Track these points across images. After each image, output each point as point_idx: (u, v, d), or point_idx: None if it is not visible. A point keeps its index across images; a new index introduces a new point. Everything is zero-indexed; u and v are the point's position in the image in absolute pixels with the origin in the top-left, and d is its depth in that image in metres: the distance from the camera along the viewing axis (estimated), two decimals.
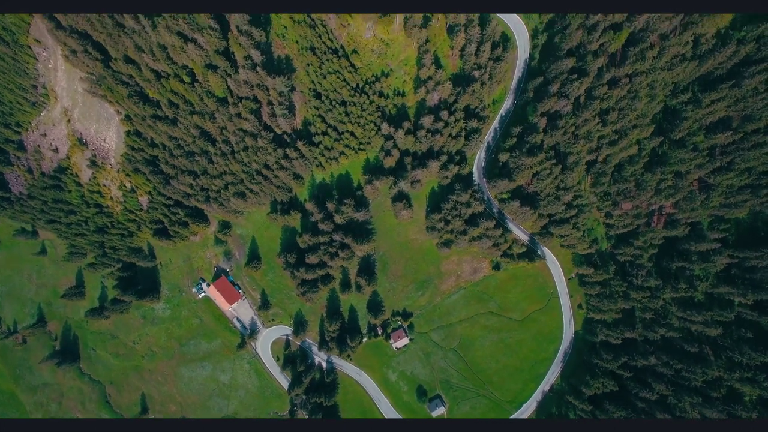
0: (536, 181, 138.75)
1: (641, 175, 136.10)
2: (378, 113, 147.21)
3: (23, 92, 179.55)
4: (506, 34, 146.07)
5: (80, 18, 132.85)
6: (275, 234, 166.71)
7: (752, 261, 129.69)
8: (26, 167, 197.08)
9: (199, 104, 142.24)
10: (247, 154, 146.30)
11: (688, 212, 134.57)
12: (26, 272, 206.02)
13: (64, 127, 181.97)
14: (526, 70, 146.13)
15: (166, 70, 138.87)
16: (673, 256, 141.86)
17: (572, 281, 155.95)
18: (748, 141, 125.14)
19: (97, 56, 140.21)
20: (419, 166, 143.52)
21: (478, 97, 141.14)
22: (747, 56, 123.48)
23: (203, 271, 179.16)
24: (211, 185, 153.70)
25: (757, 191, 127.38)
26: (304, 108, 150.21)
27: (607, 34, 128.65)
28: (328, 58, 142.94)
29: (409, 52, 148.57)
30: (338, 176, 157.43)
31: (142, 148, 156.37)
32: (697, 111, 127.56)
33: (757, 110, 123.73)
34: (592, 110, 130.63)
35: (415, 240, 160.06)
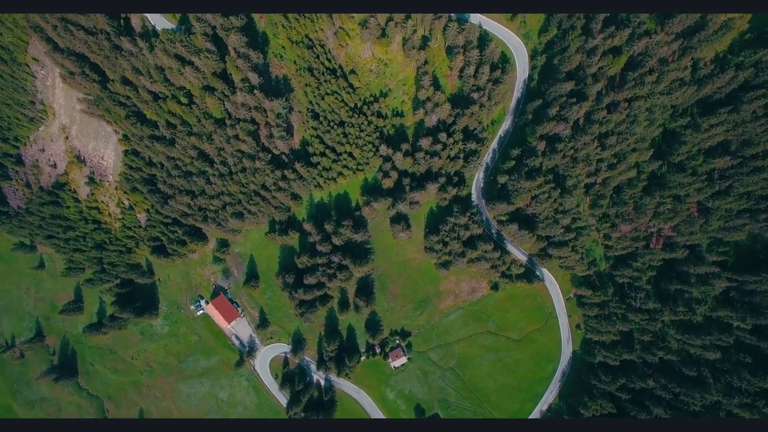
0: (535, 203, 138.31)
1: (640, 198, 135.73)
2: (376, 134, 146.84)
3: (21, 108, 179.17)
4: (505, 55, 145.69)
5: (77, 40, 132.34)
6: (273, 253, 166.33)
7: (751, 285, 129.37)
8: (24, 181, 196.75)
9: (196, 125, 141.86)
10: (245, 175, 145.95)
11: (687, 235, 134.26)
12: (24, 286, 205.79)
13: (62, 143, 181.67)
14: (525, 91, 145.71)
15: (164, 91, 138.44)
16: (671, 277, 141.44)
17: (570, 301, 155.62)
18: (746, 166, 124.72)
19: (95, 77, 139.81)
20: (417, 188, 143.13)
21: (476, 119, 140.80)
22: (745, 81, 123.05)
23: (201, 288, 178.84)
24: (209, 205, 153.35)
25: (755, 215, 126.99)
26: (302, 128, 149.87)
27: (606, 58, 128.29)
28: (326, 79, 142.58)
29: (407, 71, 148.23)
30: (336, 196, 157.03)
31: (140, 167, 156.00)
32: (696, 135, 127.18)
33: (756, 135, 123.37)
34: (591, 134, 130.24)
35: (413, 259, 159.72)
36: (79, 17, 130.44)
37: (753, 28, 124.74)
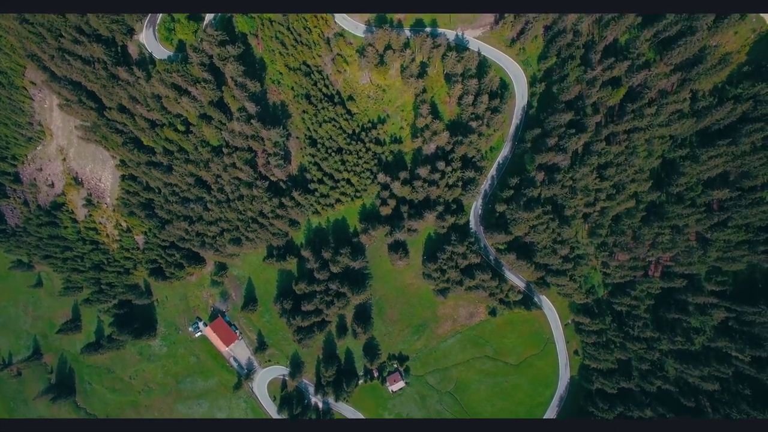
0: (533, 232, 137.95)
1: (638, 228, 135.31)
2: (374, 161, 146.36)
3: (18, 128, 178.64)
4: (504, 81, 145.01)
5: (74, 69, 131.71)
6: (272, 276, 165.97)
7: (750, 316, 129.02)
8: (22, 199, 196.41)
9: (193, 153, 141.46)
10: (243, 203, 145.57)
11: (686, 266, 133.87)
12: (22, 304, 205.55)
13: (59, 163, 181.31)
14: (524, 118, 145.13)
15: (160, 119, 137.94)
16: (670, 306, 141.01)
17: (569, 327, 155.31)
18: (745, 198, 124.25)
19: (92, 105, 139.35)
20: (416, 216, 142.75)
21: (475, 147, 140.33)
22: (744, 114, 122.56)
23: (200, 310, 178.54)
24: (206, 231, 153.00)
25: (754, 247, 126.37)
26: (299, 154, 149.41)
27: (605, 90, 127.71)
28: (323, 106, 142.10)
29: (406, 97, 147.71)
30: (334, 221, 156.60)
31: (137, 191, 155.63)
32: (695, 167, 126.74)
33: (754, 168, 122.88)
34: (589, 165, 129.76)
35: (411, 284, 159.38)
36: (75, 46, 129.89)
37: (751, 61, 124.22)
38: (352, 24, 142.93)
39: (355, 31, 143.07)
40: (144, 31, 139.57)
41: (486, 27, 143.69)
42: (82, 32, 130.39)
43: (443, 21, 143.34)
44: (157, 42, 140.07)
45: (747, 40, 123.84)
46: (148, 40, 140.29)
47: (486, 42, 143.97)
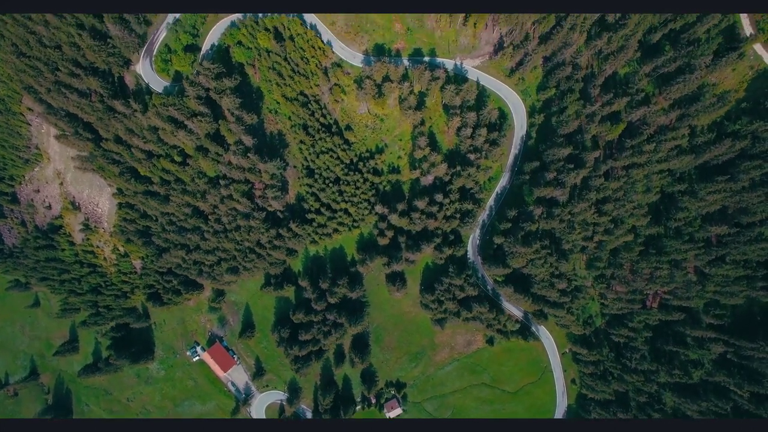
0: (531, 266, 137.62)
1: (636, 262, 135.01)
2: (372, 191, 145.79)
3: (16, 150, 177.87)
4: (503, 110, 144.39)
5: (70, 102, 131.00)
6: (269, 303, 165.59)
7: (749, 351, 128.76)
8: (19, 220, 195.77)
9: (190, 184, 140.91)
10: (240, 233, 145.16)
11: (684, 300, 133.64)
12: (19, 324, 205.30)
13: (56, 186, 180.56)
14: (522, 148, 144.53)
15: (157, 150, 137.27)
16: (668, 336, 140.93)
17: (566, 356, 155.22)
18: (744, 235, 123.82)
19: (88, 136, 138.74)
20: (413, 247, 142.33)
21: (473, 179, 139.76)
22: (743, 150, 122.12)
23: (197, 334, 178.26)
24: (204, 259, 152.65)
25: (753, 282, 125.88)
26: (297, 183, 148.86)
27: (604, 125, 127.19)
28: (321, 137, 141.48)
29: (404, 126, 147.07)
30: (332, 249, 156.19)
31: (134, 219, 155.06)
32: (694, 202, 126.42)
33: (753, 205, 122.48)
34: (588, 200, 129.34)
35: (409, 312, 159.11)
36: (72, 80, 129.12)
37: (749, 97, 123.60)
38: (350, 54, 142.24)
39: (353, 61, 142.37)
40: (141, 62, 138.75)
41: (485, 56, 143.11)
42: (78, 65, 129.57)
43: (442, 50, 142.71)
44: (153, 73, 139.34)
45: (745, 77, 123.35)
46: (145, 70, 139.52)
47: (485, 71, 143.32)
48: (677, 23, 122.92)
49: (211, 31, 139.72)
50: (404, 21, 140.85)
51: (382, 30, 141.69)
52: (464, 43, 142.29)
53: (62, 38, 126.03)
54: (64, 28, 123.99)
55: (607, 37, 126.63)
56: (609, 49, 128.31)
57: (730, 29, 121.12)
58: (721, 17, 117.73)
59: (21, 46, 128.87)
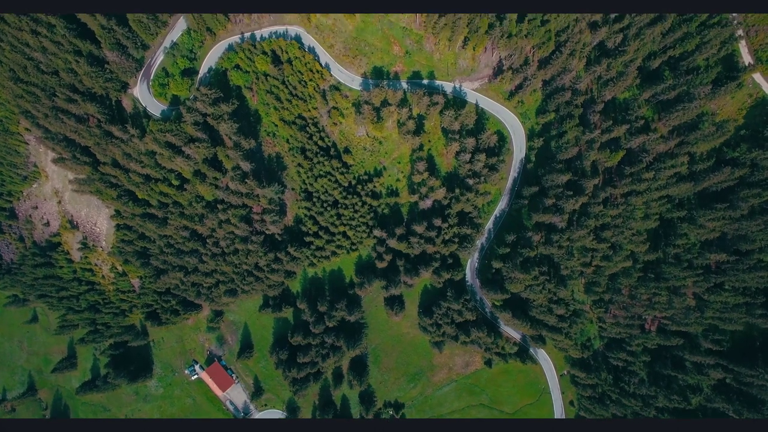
0: (529, 291, 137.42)
1: (635, 288, 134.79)
2: (370, 214, 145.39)
3: (13, 168, 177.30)
4: (502, 133, 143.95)
5: (68, 127, 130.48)
6: (268, 323, 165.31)
7: (748, 378, 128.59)
8: (18, 235, 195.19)
9: (188, 208, 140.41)
10: (238, 257, 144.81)
11: (682, 325, 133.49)
12: (17, 339, 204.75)
13: (54, 204, 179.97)
14: (521, 171, 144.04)
15: (155, 175, 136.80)
16: (666, 360, 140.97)
17: (564, 378, 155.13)
18: (743, 263, 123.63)
19: (86, 160, 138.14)
20: (411, 271, 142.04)
21: (472, 204, 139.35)
22: (742, 178, 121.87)
23: (196, 353, 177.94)
24: (202, 281, 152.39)
25: (752, 309, 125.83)
26: (295, 205, 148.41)
27: (604, 152, 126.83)
28: (319, 160, 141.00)
29: (402, 149, 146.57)
30: (330, 271, 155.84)
31: (132, 240, 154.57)
32: (693, 229, 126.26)
33: (752, 233, 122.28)
34: (586, 227, 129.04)
35: (407, 334, 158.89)
36: (69, 105, 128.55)
37: (748, 124, 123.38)
38: (348, 76, 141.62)
39: (351, 84, 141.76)
40: (138, 86, 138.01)
41: (484, 79, 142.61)
42: (75, 90, 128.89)
43: (441, 73, 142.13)
44: (151, 96, 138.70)
45: (744, 104, 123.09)
46: (142, 94, 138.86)
47: (484, 94, 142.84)
48: (676, 50, 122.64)
49: (209, 54, 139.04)
50: (403, 44, 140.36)
51: (380, 53, 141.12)
52: (463, 66, 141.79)
53: (59, 64, 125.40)
54: (61, 54, 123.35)
55: (606, 63, 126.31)
56: (608, 75, 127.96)
57: (729, 58, 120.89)
58: (720, 46, 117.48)
59: (18, 71, 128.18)
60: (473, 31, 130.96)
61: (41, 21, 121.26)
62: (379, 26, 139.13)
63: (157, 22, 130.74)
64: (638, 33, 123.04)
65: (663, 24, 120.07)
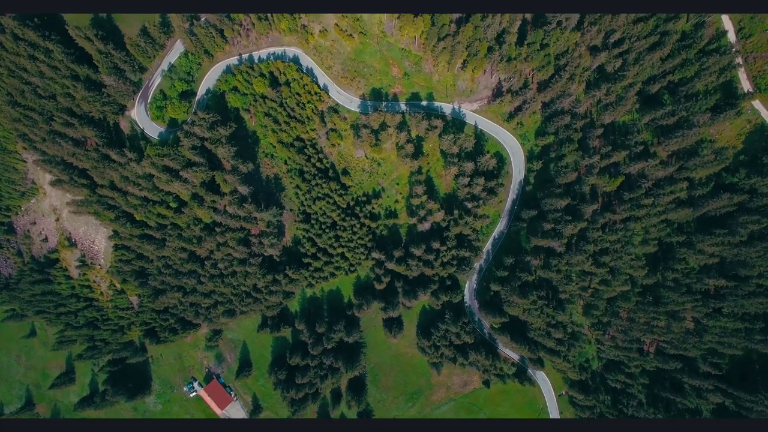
0: (527, 314, 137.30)
1: (634, 312, 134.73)
2: (369, 236, 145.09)
3: (11, 184, 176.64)
4: (501, 154, 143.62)
5: (65, 151, 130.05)
6: (266, 341, 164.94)
7: (747, 403, 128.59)
8: (16, 250, 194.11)
9: (186, 231, 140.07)
10: (236, 278, 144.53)
11: (681, 350, 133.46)
12: (15, 353, 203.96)
13: (53, 220, 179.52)
14: (520, 193, 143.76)
15: (152, 197, 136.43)
16: (665, 381, 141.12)
17: (562, 398, 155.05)
18: (742, 289, 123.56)
19: (83, 182, 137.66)
20: (410, 293, 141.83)
21: (470, 227, 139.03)
22: (741, 204, 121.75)
23: (194, 370, 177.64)
24: (200, 302, 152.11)
25: (750, 335, 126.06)
26: (293, 226, 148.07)
27: (603, 178, 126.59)
28: (317, 183, 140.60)
29: (401, 170, 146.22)
30: (329, 291, 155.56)
31: (130, 260, 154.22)
32: (692, 254, 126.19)
33: (751, 259, 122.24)
34: (585, 252, 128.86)
35: (405, 353, 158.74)
36: (66, 129, 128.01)
37: (747, 150, 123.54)
38: (347, 98, 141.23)
39: (350, 106, 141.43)
40: (136, 107, 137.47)
41: (483, 101, 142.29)
42: (73, 114, 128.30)
43: (440, 94, 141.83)
44: (148, 118, 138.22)
45: (743, 130, 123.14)
46: (140, 116, 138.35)
47: (483, 115, 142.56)
48: (675, 76, 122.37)
49: (206, 76, 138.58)
50: (401, 65, 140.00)
51: (379, 74, 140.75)
52: (462, 87, 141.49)
53: (57, 89, 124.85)
54: (58, 79, 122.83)
55: (606, 88, 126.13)
56: (608, 100, 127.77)
57: (728, 84, 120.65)
58: (719, 73, 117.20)
59: (16, 95, 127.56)
60: (472, 55, 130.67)
61: (39, 46, 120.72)
62: (378, 48, 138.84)
63: (154, 45, 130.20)
64: (638, 58, 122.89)
65: (662, 50, 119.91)
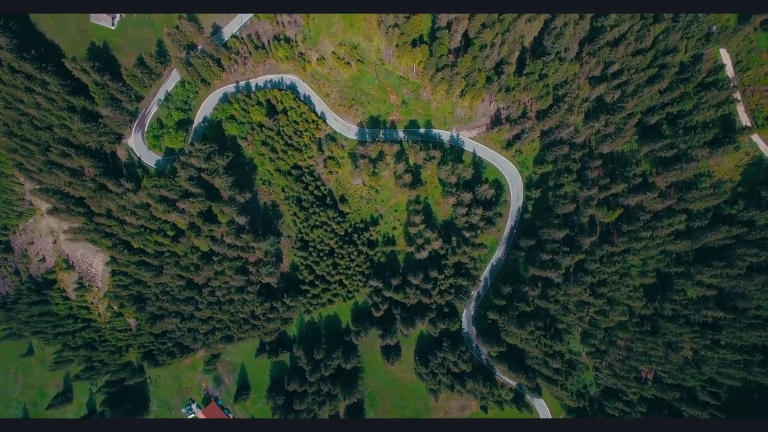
0: (525, 344, 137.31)
1: (631, 341, 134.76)
2: (366, 264, 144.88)
3: (8, 205, 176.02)
4: (499, 181, 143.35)
5: (62, 181, 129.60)
6: (264, 364, 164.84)
7: None
8: (13, 268, 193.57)
9: (183, 259, 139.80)
10: (234, 306, 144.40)
11: (679, 380, 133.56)
12: (12, 371, 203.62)
13: (50, 241, 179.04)
14: (519, 221, 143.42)
15: (150, 226, 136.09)
16: (663, 410, 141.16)
17: None
18: (740, 321, 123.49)
19: (80, 211, 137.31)
20: (407, 321, 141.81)
21: (468, 255, 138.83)
22: (739, 236, 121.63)
23: (193, 392, 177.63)
24: (198, 327, 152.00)
25: (749, 366, 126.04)
26: (291, 252, 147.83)
27: (601, 210, 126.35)
28: (315, 211, 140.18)
29: (399, 197, 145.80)
30: (327, 316, 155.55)
31: (128, 284, 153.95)
32: (690, 285, 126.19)
33: (750, 291, 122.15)
34: (583, 284, 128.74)
35: (403, 378, 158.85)
36: (63, 159, 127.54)
37: (745, 181, 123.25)
38: (344, 126, 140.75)
39: (347, 134, 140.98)
40: (132, 136, 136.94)
41: (482, 128, 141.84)
42: (69, 144, 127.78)
43: (438, 122, 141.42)
44: (145, 147, 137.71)
45: (741, 162, 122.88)
46: (137, 144, 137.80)
47: (481, 142, 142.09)
48: (674, 108, 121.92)
49: (203, 104, 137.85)
50: (399, 93, 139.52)
51: (377, 102, 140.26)
52: (461, 115, 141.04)
53: (53, 120, 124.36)
54: (55, 111, 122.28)
55: (604, 120, 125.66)
56: (606, 131, 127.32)
57: (726, 117, 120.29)
58: (717, 107, 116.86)
59: (13, 126, 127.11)
60: (470, 85, 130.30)
61: (35, 78, 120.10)
62: (376, 75, 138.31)
63: (151, 75, 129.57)
64: (636, 90, 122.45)
65: (661, 83, 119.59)
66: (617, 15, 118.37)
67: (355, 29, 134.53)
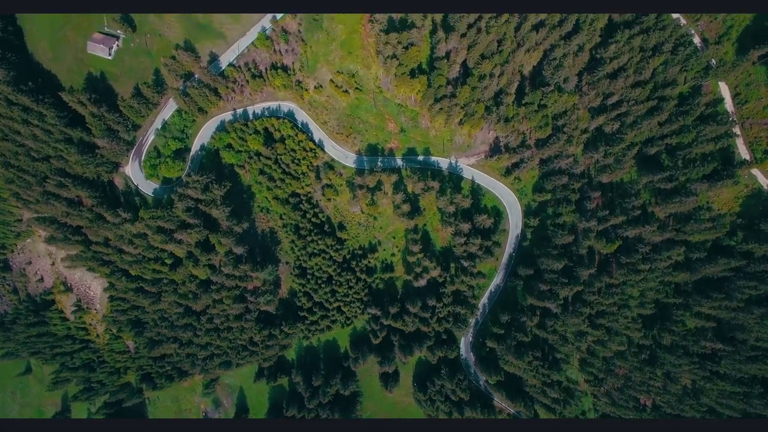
0: (523, 373, 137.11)
1: (630, 371, 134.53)
2: (365, 291, 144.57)
3: (6, 226, 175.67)
4: (498, 208, 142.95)
5: (59, 211, 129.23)
6: (263, 388, 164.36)
7: None
8: (11, 287, 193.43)
9: (181, 287, 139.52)
10: (232, 333, 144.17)
11: (678, 410, 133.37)
12: (10, 390, 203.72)
13: (48, 263, 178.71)
14: (517, 248, 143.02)
15: (148, 255, 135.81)
16: None
17: None
18: (739, 354, 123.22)
19: (78, 239, 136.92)
20: (406, 348, 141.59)
21: (467, 284, 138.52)
22: (738, 268, 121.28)
23: (191, 414, 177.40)
24: (196, 353, 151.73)
25: (749, 398, 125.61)
26: (289, 278, 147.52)
27: (600, 242, 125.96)
28: (312, 239, 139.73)
29: (397, 224, 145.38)
30: (325, 341, 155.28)
31: (126, 309, 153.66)
32: (689, 316, 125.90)
33: (749, 324, 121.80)
34: (581, 315, 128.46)
35: (402, 402, 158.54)
36: (60, 190, 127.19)
37: (744, 213, 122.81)
38: (342, 153, 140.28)
39: (345, 161, 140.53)
40: (130, 164, 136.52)
41: (480, 155, 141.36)
42: (66, 175, 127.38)
43: (437, 149, 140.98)
44: (143, 175, 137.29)
45: (740, 194, 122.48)
46: (134, 172, 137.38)
47: (480, 170, 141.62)
48: (674, 140, 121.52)
49: (200, 132, 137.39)
50: (398, 120, 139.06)
51: (375, 130, 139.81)
52: (459, 142, 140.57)
53: (50, 152, 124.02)
54: (52, 143, 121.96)
55: (603, 151, 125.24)
56: (606, 162, 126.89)
57: (725, 150, 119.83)
58: (716, 141, 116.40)
59: (9, 157, 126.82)
60: (469, 115, 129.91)
61: (32, 110, 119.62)
62: (374, 103, 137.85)
63: (147, 105, 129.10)
64: (635, 121, 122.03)
65: (660, 115, 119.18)
66: (616, 47, 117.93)
67: (353, 57, 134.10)
